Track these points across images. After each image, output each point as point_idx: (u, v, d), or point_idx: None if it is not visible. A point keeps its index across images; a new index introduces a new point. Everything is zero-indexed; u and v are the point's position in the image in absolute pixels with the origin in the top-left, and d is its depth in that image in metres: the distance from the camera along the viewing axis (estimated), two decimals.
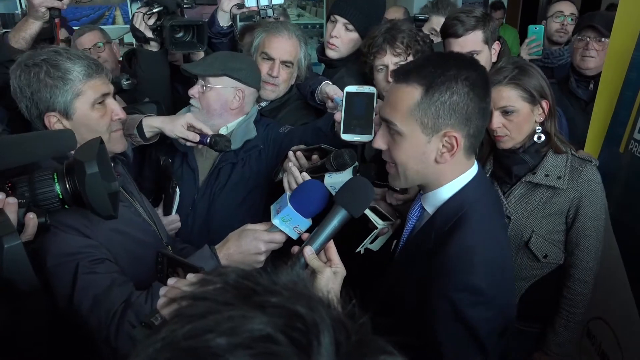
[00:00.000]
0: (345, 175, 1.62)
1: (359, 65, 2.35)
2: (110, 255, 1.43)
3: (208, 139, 1.83)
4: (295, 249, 1.21)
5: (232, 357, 0.44)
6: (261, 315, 0.46)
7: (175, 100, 2.38)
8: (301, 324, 0.46)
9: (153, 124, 1.84)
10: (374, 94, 1.54)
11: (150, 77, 2.19)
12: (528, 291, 1.88)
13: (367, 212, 1.51)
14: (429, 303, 1.16)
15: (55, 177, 1.22)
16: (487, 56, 2.20)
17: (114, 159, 1.62)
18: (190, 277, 1.07)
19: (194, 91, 1.99)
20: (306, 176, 1.61)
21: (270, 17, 2.31)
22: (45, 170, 1.25)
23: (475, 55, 2.13)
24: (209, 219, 2.05)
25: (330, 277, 1.13)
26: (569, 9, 3.28)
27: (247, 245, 1.32)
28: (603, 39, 2.53)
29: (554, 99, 1.83)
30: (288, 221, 1.29)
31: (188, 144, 1.90)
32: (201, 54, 2.27)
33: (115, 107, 1.54)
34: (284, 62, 2.22)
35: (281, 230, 1.31)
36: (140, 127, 1.83)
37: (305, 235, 1.23)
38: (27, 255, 1.01)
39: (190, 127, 1.85)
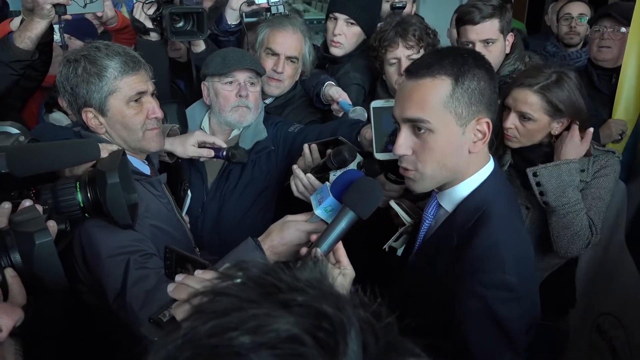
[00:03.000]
0: None
1: (363, 60, 2.33)
2: (156, 251, 1.44)
3: (224, 153, 1.83)
4: (304, 250, 1.20)
5: (256, 356, 0.42)
6: (287, 314, 0.45)
7: (175, 96, 2.36)
8: (328, 325, 0.44)
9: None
10: None
11: None
12: (545, 281, 1.86)
13: (396, 207, 1.49)
14: (456, 302, 1.13)
15: (78, 186, 1.27)
16: (501, 46, 2.18)
17: (147, 158, 1.66)
18: (199, 273, 1.06)
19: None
20: (311, 177, 1.58)
21: (280, 13, 2.27)
22: (68, 179, 1.30)
23: (490, 44, 2.14)
24: (220, 222, 2.02)
25: (339, 279, 1.12)
26: (577, 9, 3.21)
27: (290, 237, 1.31)
28: (622, 29, 2.47)
29: (585, 114, 1.77)
30: (331, 211, 1.29)
31: (202, 159, 1.90)
32: (202, 44, 2.24)
33: (151, 105, 1.54)
34: (289, 58, 2.18)
35: (323, 220, 1.30)
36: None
37: (314, 237, 1.22)
38: (56, 252, 1.04)
39: (202, 143, 1.85)
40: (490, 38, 2.13)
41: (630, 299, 2.10)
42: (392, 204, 1.50)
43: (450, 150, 1.18)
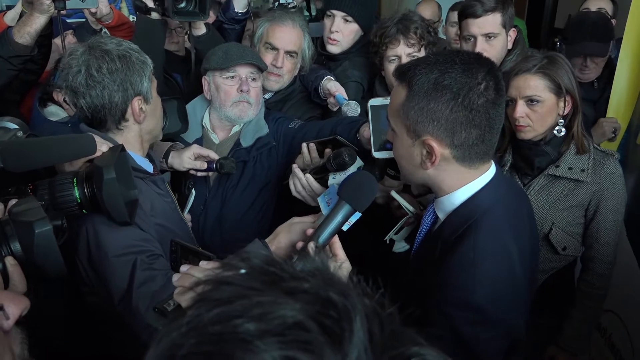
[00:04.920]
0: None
1: (362, 57, 2.33)
2: (162, 251, 1.42)
3: (214, 165, 1.86)
4: (300, 244, 1.20)
5: (261, 343, 0.42)
6: (293, 301, 0.44)
7: (172, 89, 2.35)
8: (334, 312, 0.44)
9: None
10: None
11: (143, 46, 2.16)
12: (545, 283, 1.86)
13: (398, 197, 1.48)
14: (431, 314, 1.08)
15: (75, 181, 1.26)
16: (503, 41, 2.17)
17: (148, 156, 1.66)
18: (204, 263, 1.06)
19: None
20: (310, 178, 1.58)
21: (290, 3, 2.25)
22: (66, 174, 1.29)
23: (492, 38, 2.13)
24: (222, 219, 2.02)
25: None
26: (596, 4, 3.13)
27: (298, 238, 1.30)
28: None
29: (580, 94, 1.79)
30: None
31: (199, 174, 1.91)
32: (202, 27, 2.22)
33: None
34: (288, 52, 2.17)
35: None
36: (166, 155, 1.88)
37: (310, 231, 1.21)
38: (56, 241, 1.04)
39: (199, 157, 1.87)
40: (492, 32, 2.12)
41: (630, 296, 2.10)
42: (394, 194, 1.49)
43: (405, 156, 1.18)
